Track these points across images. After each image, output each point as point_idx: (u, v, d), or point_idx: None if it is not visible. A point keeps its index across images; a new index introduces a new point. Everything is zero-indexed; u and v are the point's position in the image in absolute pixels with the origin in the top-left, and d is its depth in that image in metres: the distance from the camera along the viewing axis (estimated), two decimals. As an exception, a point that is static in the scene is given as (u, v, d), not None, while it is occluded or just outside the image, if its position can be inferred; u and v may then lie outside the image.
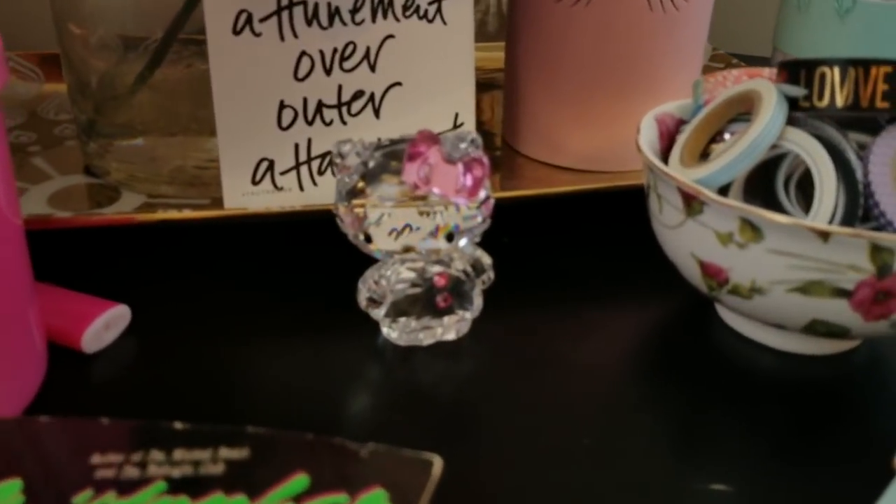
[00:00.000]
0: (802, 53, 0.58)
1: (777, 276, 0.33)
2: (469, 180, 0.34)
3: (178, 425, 0.23)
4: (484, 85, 0.61)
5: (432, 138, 0.34)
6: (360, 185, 0.34)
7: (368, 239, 0.35)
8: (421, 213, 0.34)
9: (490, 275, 0.38)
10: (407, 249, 0.35)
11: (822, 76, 0.33)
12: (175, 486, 0.21)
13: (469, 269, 0.37)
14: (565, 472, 0.31)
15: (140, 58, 0.46)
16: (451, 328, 0.38)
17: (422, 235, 0.35)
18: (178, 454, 0.22)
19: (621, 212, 0.46)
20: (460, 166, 0.34)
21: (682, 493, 0.31)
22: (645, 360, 0.39)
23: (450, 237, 0.35)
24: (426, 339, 0.37)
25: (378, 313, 0.37)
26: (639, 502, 0.30)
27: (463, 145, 0.35)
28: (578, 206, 0.48)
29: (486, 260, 0.38)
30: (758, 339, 0.39)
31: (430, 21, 0.42)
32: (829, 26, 0.56)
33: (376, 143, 0.35)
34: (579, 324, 0.41)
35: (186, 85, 0.46)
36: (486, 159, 0.34)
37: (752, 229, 0.32)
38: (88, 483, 0.22)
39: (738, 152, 0.33)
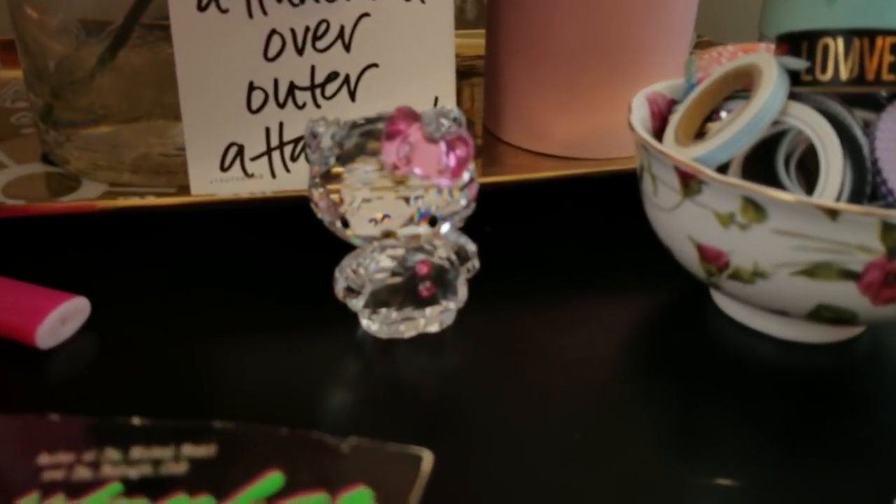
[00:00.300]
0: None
1: (781, 259, 0.31)
2: (452, 160, 0.32)
3: (137, 421, 0.21)
4: (463, 73, 0.59)
5: (412, 115, 0.32)
6: (336, 167, 0.32)
7: (346, 224, 0.33)
8: (401, 196, 0.32)
9: (475, 263, 0.36)
10: (387, 235, 0.33)
11: (825, 48, 0.32)
12: (132, 488, 0.19)
13: (453, 256, 0.35)
14: (556, 470, 0.29)
15: (102, 42, 0.44)
16: (434, 319, 0.36)
17: (402, 220, 0.33)
18: (136, 452, 0.20)
19: (608, 198, 0.45)
20: (443, 145, 0.32)
21: (679, 489, 0.29)
22: (637, 351, 0.37)
23: (432, 222, 0.33)
24: (408, 332, 0.36)
25: (356, 304, 0.35)
26: (635, 500, 0.29)
27: (445, 122, 0.33)
28: (563, 192, 0.46)
29: (471, 247, 0.36)
30: (756, 326, 0.37)
31: (408, -1, 0.40)
32: (816, 11, 0.55)
33: (352, 123, 0.33)
34: (567, 315, 0.39)
35: (150, 68, 0.44)
36: (470, 138, 0.32)
37: (756, 209, 0.30)
38: (35, 485, 0.19)
39: (739, 128, 0.32)
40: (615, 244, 0.44)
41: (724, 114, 0.36)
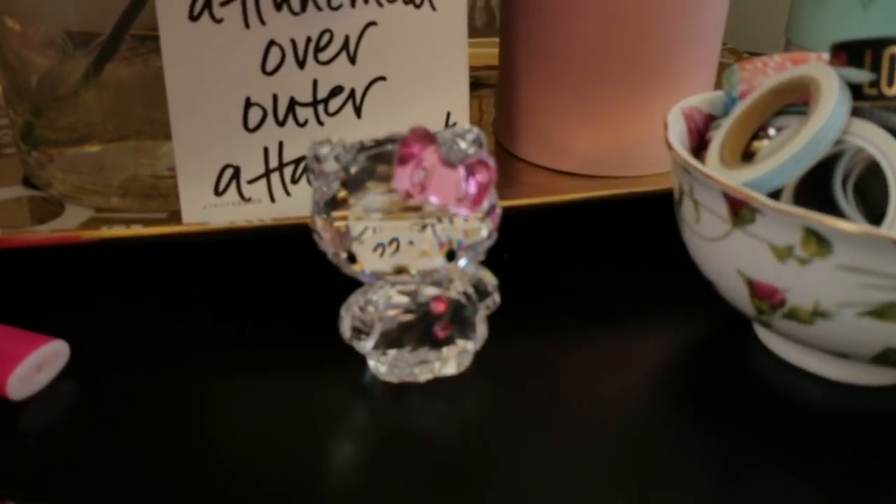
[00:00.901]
0: (821, 47, 0.53)
1: (847, 298, 0.28)
2: (472, 187, 0.29)
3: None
4: (472, 84, 0.56)
5: (427, 137, 0.28)
6: (342, 193, 0.29)
7: (352, 258, 0.29)
8: (415, 227, 0.29)
9: (496, 298, 0.33)
10: (398, 270, 0.30)
11: (893, 58, 0.28)
12: None
13: (471, 290, 0.32)
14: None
15: (89, 55, 0.42)
16: (450, 361, 0.33)
17: (416, 253, 0.29)
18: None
19: (639, 222, 0.41)
20: (461, 170, 0.28)
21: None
22: (673, 395, 0.34)
23: (450, 255, 0.29)
24: (422, 375, 0.33)
25: (365, 346, 0.32)
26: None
27: (463, 145, 0.29)
28: (588, 215, 0.42)
29: (491, 280, 0.32)
30: (807, 367, 0.34)
31: (418, 6, 0.38)
32: (850, 17, 0.52)
33: (360, 145, 0.30)
34: (595, 353, 0.36)
35: (139, 82, 0.42)
36: (491, 161, 0.29)
37: (818, 241, 0.27)
38: None
39: (798, 149, 0.28)
40: (646, 273, 0.41)
41: (772, 131, 0.32)
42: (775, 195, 0.31)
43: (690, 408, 0.33)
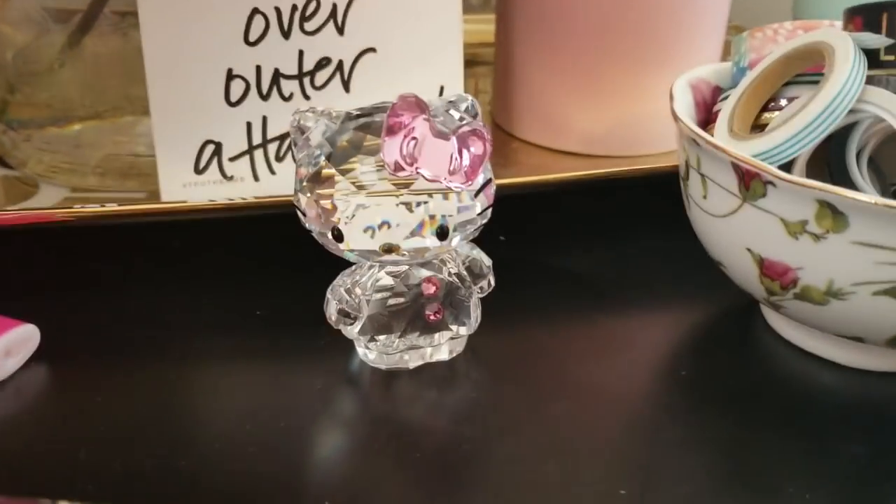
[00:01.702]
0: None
1: (862, 276, 0.27)
2: (466, 159, 0.27)
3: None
4: (466, 62, 0.55)
5: (417, 105, 0.27)
6: (327, 168, 0.27)
7: (338, 236, 0.28)
8: (404, 203, 0.27)
9: (490, 280, 0.31)
10: (388, 250, 0.28)
11: (912, 21, 0.27)
12: None
13: (464, 272, 0.30)
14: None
15: (67, 30, 0.40)
16: (442, 347, 0.31)
17: (406, 231, 0.27)
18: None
19: (641, 201, 0.40)
20: (454, 141, 0.27)
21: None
22: (679, 382, 0.32)
23: (442, 234, 0.28)
24: (412, 361, 0.31)
25: (352, 330, 0.30)
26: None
27: (457, 114, 0.28)
28: (588, 195, 0.41)
29: (486, 261, 0.31)
30: (819, 352, 0.33)
31: (409, -27, 0.37)
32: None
33: (346, 115, 0.28)
34: (596, 338, 0.35)
35: (117, 57, 0.41)
36: (486, 131, 0.27)
37: (833, 216, 0.25)
38: None
39: (811, 118, 0.27)
40: (649, 255, 0.40)
41: (783, 102, 0.31)
42: (787, 168, 0.29)
43: (695, 396, 0.31)
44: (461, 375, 0.31)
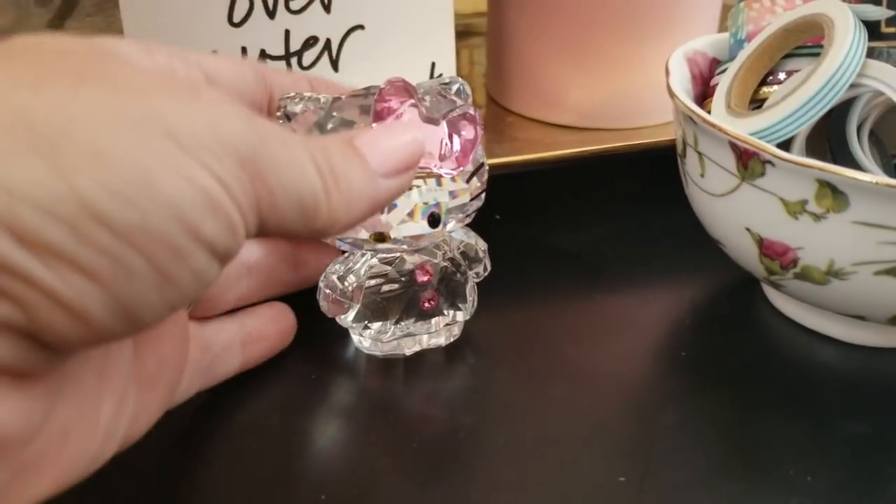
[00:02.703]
0: None
1: (863, 255, 0.26)
2: (457, 144, 0.26)
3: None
4: (460, 33, 0.53)
5: (406, 90, 0.26)
6: None
7: None
8: None
9: (486, 264, 0.31)
10: (379, 238, 0.27)
11: (915, -9, 0.26)
12: None
13: (458, 256, 0.29)
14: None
15: (49, 13, 0.39)
16: (439, 333, 0.31)
17: (397, 218, 0.27)
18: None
19: (639, 177, 0.39)
20: (444, 126, 0.26)
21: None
22: (680, 361, 0.32)
23: (434, 220, 0.27)
24: (408, 348, 0.31)
25: (346, 318, 0.30)
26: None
27: (447, 97, 0.27)
28: (586, 171, 0.40)
29: (481, 245, 0.30)
30: (820, 329, 0.32)
31: (398, -53, 0.36)
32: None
33: (333, 99, 0.27)
34: (597, 319, 0.34)
35: None
36: (478, 116, 0.26)
37: (834, 195, 0.25)
38: None
39: (811, 94, 0.26)
40: (648, 233, 0.39)
41: (782, 75, 0.30)
42: (786, 145, 0.29)
43: (697, 375, 0.31)
44: (458, 361, 0.31)
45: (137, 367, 0.22)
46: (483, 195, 0.29)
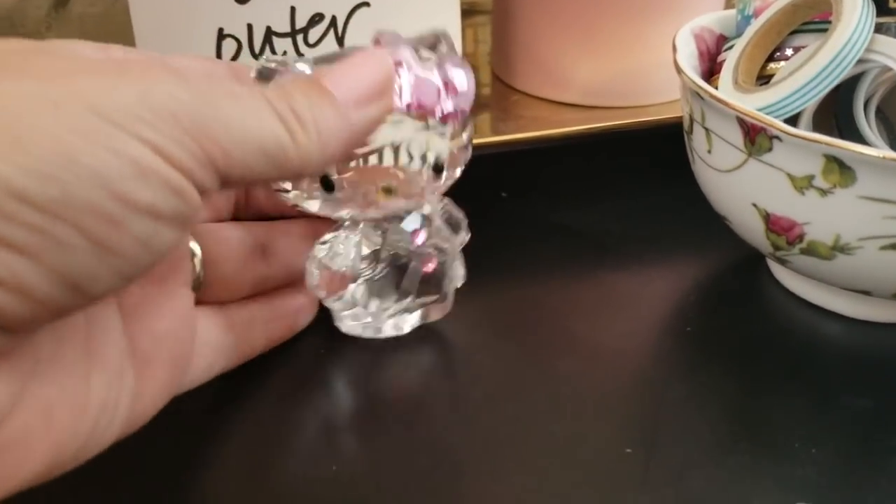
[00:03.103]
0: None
1: (869, 230, 0.26)
2: (459, 86, 0.26)
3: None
4: (465, 11, 0.53)
5: (395, 41, 0.25)
6: None
7: (328, 186, 0.26)
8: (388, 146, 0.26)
9: (466, 234, 0.30)
10: (387, 190, 0.26)
11: (923, -34, 0.26)
12: None
13: (446, 231, 0.29)
14: (604, 497, 0.24)
15: None
16: (434, 309, 0.30)
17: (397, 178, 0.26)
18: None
19: (645, 154, 0.39)
20: (436, 72, 0.26)
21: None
22: (685, 337, 0.32)
23: (438, 167, 0.26)
24: (399, 328, 0.30)
25: (335, 301, 0.29)
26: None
27: (435, 50, 0.26)
28: (591, 149, 0.40)
29: (459, 214, 0.30)
30: (825, 304, 0.32)
31: (404, -79, 0.36)
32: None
33: (316, 59, 0.26)
34: (600, 295, 0.34)
35: (106, 20, 0.40)
36: (468, 69, 0.26)
37: (841, 170, 0.25)
38: None
39: (818, 69, 0.26)
40: (653, 210, 0.39)
41: (789, 51, 0.30)
42: (793, 121, 0.29)
43: (702, 350, 0.31)
44: (464, 337, 0.31)
45: (130, 343, 0.22)
46: (470, 148, 0.28)
